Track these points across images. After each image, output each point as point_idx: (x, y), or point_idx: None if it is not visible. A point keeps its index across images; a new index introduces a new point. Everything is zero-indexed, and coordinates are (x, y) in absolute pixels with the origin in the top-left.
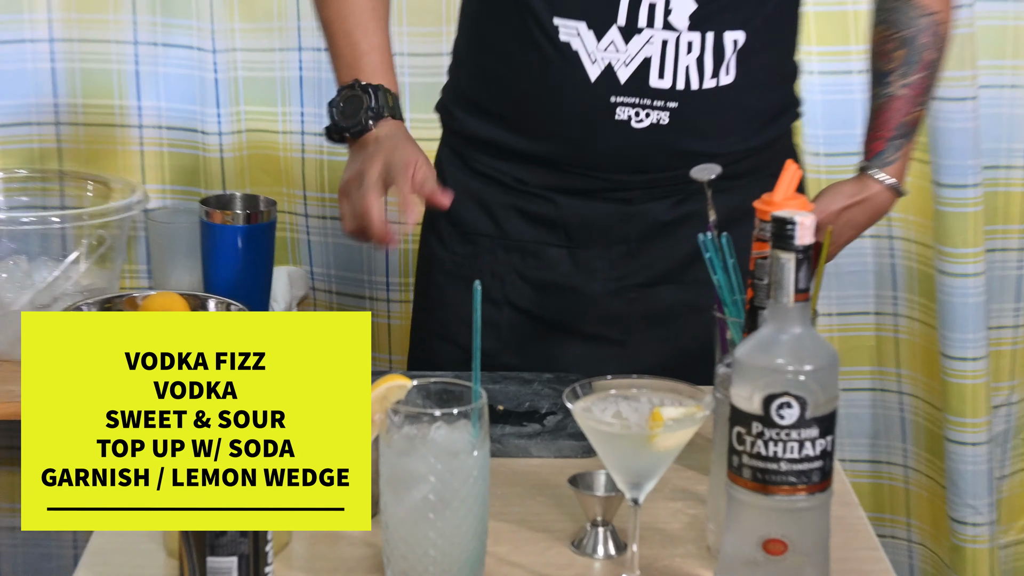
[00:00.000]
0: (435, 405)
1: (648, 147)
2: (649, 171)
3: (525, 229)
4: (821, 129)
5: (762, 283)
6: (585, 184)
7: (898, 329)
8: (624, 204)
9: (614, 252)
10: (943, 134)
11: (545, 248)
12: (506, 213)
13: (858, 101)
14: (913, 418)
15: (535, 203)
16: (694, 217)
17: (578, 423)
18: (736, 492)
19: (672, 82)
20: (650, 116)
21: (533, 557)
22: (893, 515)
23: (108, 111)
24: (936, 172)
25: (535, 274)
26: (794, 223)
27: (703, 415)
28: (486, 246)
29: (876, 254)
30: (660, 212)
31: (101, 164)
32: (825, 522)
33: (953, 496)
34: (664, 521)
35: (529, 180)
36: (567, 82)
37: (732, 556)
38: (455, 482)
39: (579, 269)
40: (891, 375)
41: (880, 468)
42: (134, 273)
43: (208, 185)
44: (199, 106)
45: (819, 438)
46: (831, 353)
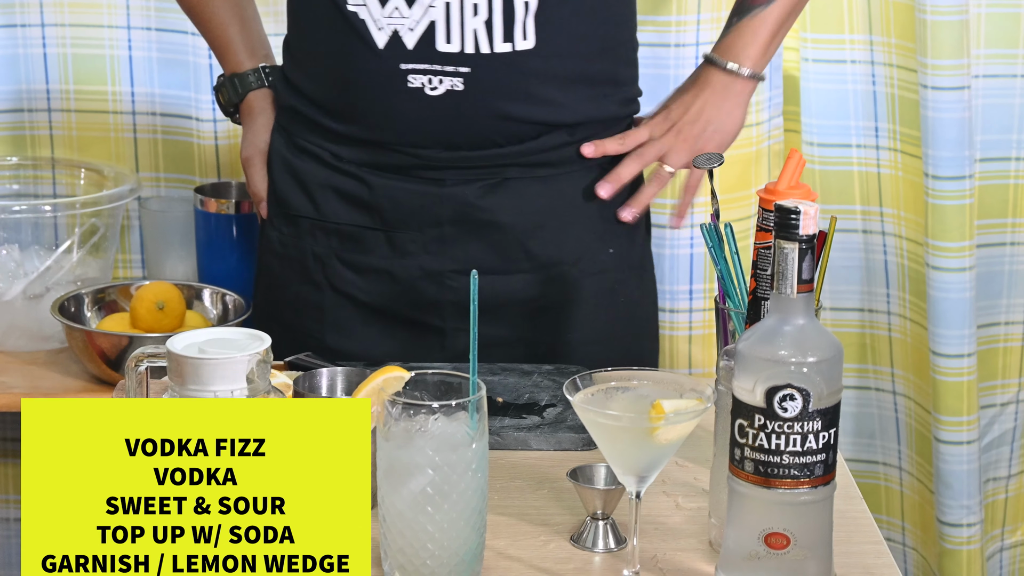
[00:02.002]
0: (433, 397)
1: (447, 116)
2: (456, 145)
3: (342, 211)
4: (815, 119)
5: (765, 273)
6: (395, 160)
7: (891, 327)
8: (435, 185)
9: (427, 235)
10: (936, 125)
11: (362, 231)
12: (324, 194)
13: (852, 92)
14: (906, 419)
15: (350, 183)
16: (510, 210)
17: (578, 415)
18: (738, 485)
19: (461, 46)
20: (443, 83)
21: (532, 551)
22: (889, 517)
23: (101, 97)
24: (928, 164)
25: (353, 258)
26: (798, 212)
27: (705, 407)
28: (307, 228)
29: (867, 249)
30: (471, 195)
31: (93, 151)
32: (828, 516)
33: (945, 499)
34: (665, 515)
35: (344, 156)
36: (358, 52)
37: (734, 550)
38: (453, 475)
39: (395, 252)
40: (885, 374)
41: (876, 469)
42: (127, 262)
43: (203, 173)
44: (193, 92)
45: (822, 431)
46: (835, 345)
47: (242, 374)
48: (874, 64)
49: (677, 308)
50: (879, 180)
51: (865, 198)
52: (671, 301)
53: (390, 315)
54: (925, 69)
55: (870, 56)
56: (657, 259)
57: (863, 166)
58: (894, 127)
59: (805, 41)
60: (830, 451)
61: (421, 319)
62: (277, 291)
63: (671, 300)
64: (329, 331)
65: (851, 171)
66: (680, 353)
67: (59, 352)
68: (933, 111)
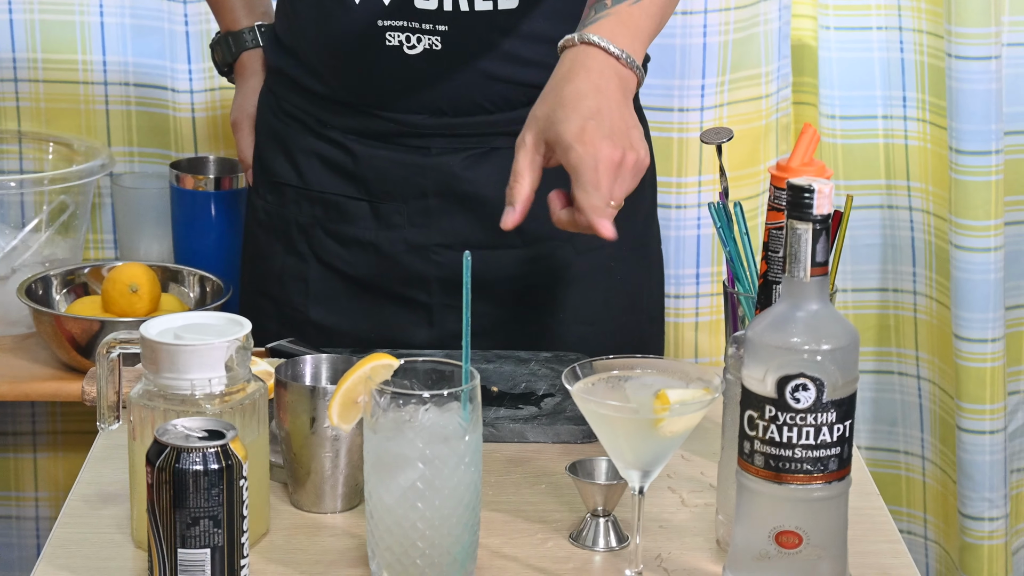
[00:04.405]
0: (423, 386)
1: (426, 76)
2: (441, 111)
3: (326, 179)
4: (836, 90)
5: (776, 255)
6: (379, 127)
7: (917, 308)
8: (420, 154)
9: (412, 207)
10: (960, 96)
11: (346, 201)
12: (308, 161)
13: (877, 60)
14: (930, 406)
15: (335, 151)
16: (497, 182)
17: (578, 406)
18: (747, 481)
19: (439, 3)
20: (422, 41)
21: (529, 550)
22: (910, 509)
23: (71, 66)
24: (952, 137)
25: (338, 228)
26: (812, 191)
27: (712, 398)
28: (291, 196)
29: (892, 226)
30: (456, 166)
31: (63, 124)
32: (843, 513)
33: (967, 490)
34: (670, 512)
35: (329, 121)
36: (335, 9)
37: (743, 549)
38: (445, 469)
39: (380, 224)
40: (909, 357)
41: (898, 458)
42: (99, 243)
43: (179, 147)
44: (169, 61)
45: (837, 423)
46: (850, 332)
47: (221, 362)
48: (902, 30)
49: (683, 293)
50: (906, 152)
51: (891, 172)
52: (676, 286)
53: (375, 289)
54: (950, 37)
55: (898, 21)
56: (662, 241)
57: (889, 138)
58: (922, 96)
59: (825, 8)
60: (845, 444)
61: (407, 294)
62: (262, 262)
63: (676, 285)
64: (313, 305)
65: (876, 144)
66: (686, 341)
67: (26, 338)
68: (958, 82)
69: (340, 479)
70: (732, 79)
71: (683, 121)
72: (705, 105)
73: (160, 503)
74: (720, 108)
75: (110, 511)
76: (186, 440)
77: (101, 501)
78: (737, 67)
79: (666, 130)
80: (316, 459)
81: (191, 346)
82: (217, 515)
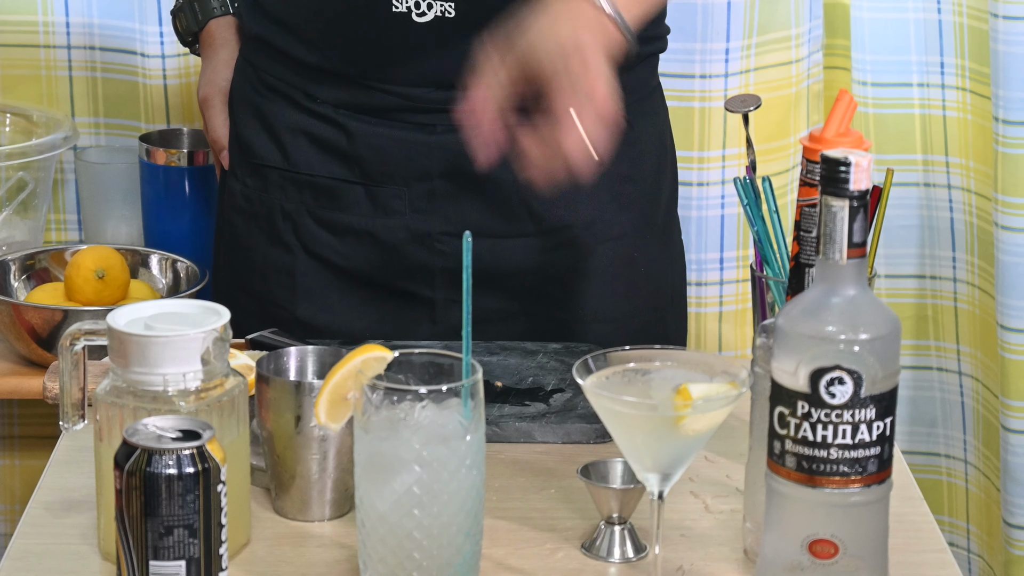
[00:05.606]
0: (420, 381)
1: (436, 47)
2: (449, 84)
3: (316, 160)
4: (868, 54)
5: (809, 236)
6: (378, 101)
7: (957, 297)
8: (424, 132)
9: (414, 191)
10: (1007, 60)
11: (339, 185)
12: (295, 140)
13: (913, 21)
14: (973, 404)
15: (326, 129)
16: (510, 165)
17: (590, 402)
18: (777, 484)
19: None
20: (432, 8)
21: (537, 561)
22: (952, 518)
23: (30, 28)
24: (998, 106)
25: (329, 215)
26: (849, 164)
27: (739, 393)
28: (276, 180)
29: (930, 206)
30: (464, 145)
31: (21, 93)
32: (883, 520)
33: (1013, 497)
34: (692, 519)
35: (319, 95)
36: None
37: (772, 560)
38: (444, 472)
39: (377, 211)
40: (950, 351)
41: (938, 463)
42: (61, 224)
43: (149, 119)
44: (139, 23)
45: (876, 420)
46: (891, 320)
47: (196, 354)
48: None
49: (705, 280)
50: (944, 125)
51: (928, 146)
52: (698, 272)
53: (371, 283)
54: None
55: None
56: (682, 223)
57: (926, 108)
58: (962, 62)
59: None
60: (885, 444)
61: (407, 288)
62: (240, 254)
63: (698, 271)
64: (301, 301)
65: (911, 115)
66: (709, 332)
67: None
68: (1004, 44)
69: (328, 484)
70: (759, 42)
71: (705, 89)
72: (730, 71)
73: (130, 511)
74: (746, 74)
75: (75, 519)
76: (158, 441)
77: (65, 509)
78: (765, 29)
79: (687, 99)
80: (302, 462)
81: (163, 337)
82: (193, 524)
